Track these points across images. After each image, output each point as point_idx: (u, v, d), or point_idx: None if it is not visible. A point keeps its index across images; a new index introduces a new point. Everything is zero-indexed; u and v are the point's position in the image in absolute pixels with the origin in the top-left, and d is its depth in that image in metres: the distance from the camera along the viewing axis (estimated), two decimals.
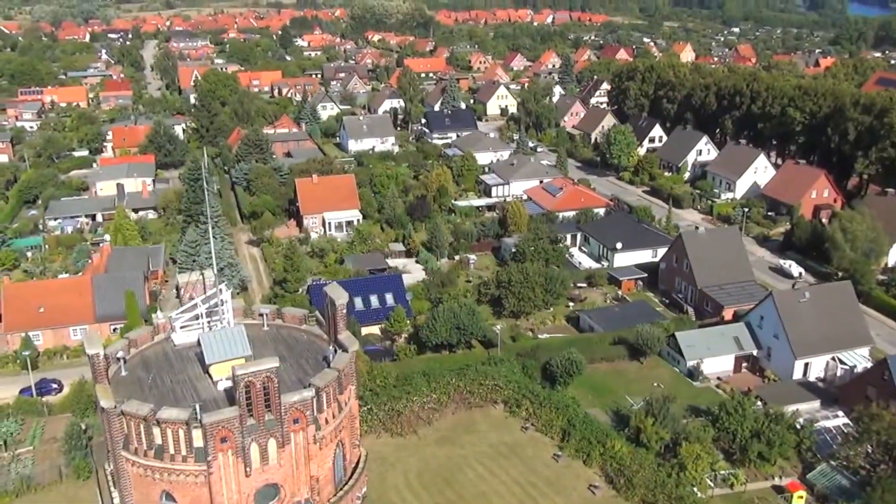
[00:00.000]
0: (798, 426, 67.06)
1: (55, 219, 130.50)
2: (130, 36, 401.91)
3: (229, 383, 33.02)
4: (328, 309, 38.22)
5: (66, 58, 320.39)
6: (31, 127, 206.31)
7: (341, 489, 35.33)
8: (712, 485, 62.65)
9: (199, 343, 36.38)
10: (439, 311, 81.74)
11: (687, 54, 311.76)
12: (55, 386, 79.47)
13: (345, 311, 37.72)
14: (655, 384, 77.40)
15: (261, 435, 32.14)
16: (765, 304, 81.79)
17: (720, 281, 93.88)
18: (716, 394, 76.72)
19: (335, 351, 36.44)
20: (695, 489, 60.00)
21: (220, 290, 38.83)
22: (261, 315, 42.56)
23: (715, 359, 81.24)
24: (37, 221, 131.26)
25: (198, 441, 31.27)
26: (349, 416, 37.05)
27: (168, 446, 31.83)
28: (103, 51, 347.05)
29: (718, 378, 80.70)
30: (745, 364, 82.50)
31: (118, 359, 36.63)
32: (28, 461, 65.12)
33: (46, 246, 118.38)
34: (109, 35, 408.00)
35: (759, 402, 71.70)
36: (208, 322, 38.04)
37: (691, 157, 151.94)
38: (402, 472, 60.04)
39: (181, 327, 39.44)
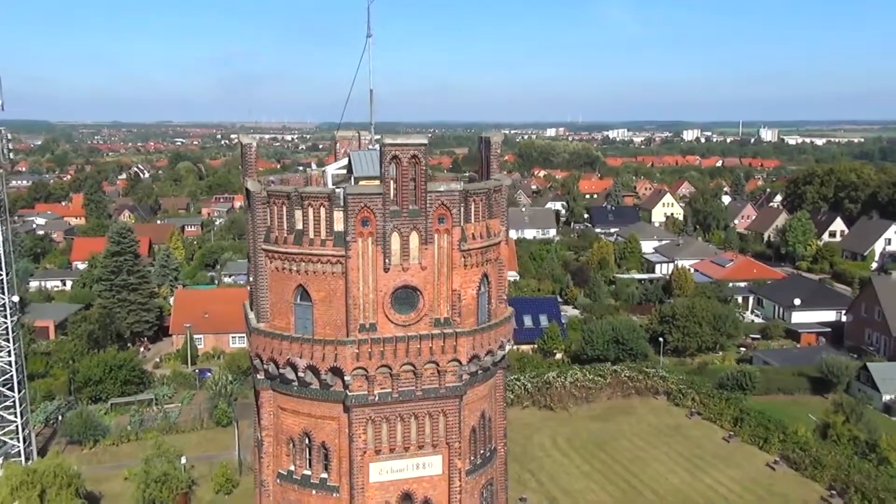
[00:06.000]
0: None
1: (229, 275, 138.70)
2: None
3: None
4: (483, 150, 36.71)
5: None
6: (220, 221, 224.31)
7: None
8: None
9: (349, 162, 35.73)
10: (597, 325, 76.95)
11: None
12: (209, 374, 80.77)
13: (499, 150, 36.16)
14: None
15: (403, 223, 29.78)
16: None
17: None
18: None
19: None
20: None
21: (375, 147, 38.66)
22: None
23: None
24: (213, 277, 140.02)
25: (338, 225, 29.80)
26: (497, 255, 34.26)
27: (308, 229, 30.27)
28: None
29: None
30: None
31: (270, 182, 36.45)
32: (174, 412, 65.35)
33: None
34: (298, 166, 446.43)
35: None
36: None
37: (879, 246, 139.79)
38: (549, 436, 54.38)
39: (333, 183, 39.27)
